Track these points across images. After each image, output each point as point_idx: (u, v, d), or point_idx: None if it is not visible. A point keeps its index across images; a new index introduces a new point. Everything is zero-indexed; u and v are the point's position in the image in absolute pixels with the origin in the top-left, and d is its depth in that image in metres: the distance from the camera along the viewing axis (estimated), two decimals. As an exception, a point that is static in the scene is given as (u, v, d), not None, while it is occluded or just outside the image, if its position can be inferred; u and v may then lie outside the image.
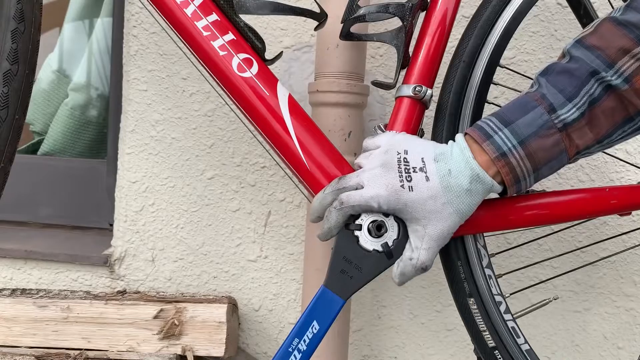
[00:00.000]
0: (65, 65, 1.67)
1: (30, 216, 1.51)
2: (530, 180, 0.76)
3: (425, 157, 0.76)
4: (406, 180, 0.75)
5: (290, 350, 0.76)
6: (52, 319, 1.17)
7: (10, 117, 0.78)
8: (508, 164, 0.74)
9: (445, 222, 0.75)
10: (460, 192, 0.74)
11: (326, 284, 0.78)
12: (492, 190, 0.76)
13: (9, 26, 0.78)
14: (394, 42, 0.85)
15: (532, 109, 0.74)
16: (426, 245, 0.76)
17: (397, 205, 0.75)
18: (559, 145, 0.74)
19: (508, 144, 0.74)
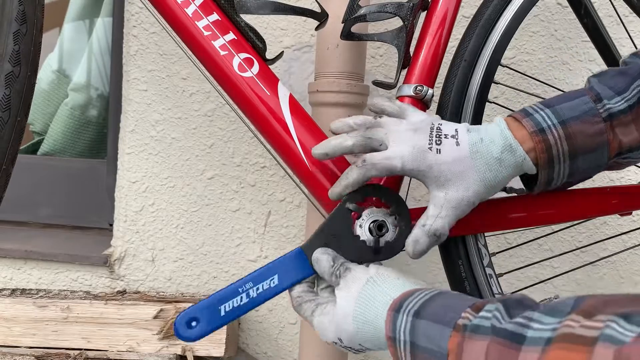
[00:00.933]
0: (65, 65, 1.67)
1: (30, 216, 1.51)
2: (565, 167, 0.72)
3: (459, 128, 0.73)
4: (435, 143, 0.72)
5: (240, 290, 0.73)
6: (52, 319, 1.17)
7: (12, 119, 0.78)
8: (545, 141, 0.70)
9: (468, 189, 0.72)
10: (489, 159, 0.71)
11: (303, 248, 0.75)
12: (524, 166, 0.72)
13: (11, 28, 0.78)
14: (395, 42, 0.85)
15: (579, 96, 0.72)
16: (444, 212, 0.72)
17: (421, 166, 0.72)
18: (601, 135, 0.71)
19: (548, 122, 0.71)
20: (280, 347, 1.29)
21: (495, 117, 0.75)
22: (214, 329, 0.73)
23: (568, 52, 1.20)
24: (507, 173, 0.72)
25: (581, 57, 1.20)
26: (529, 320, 0.49)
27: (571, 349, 0.42)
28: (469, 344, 0.52)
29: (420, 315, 0.59)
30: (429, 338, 0.56)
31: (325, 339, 0.72)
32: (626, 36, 1.13)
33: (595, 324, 0.42)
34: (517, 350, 0.47)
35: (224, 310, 0.73)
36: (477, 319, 0.53)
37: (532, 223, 0.86)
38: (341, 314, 0.69)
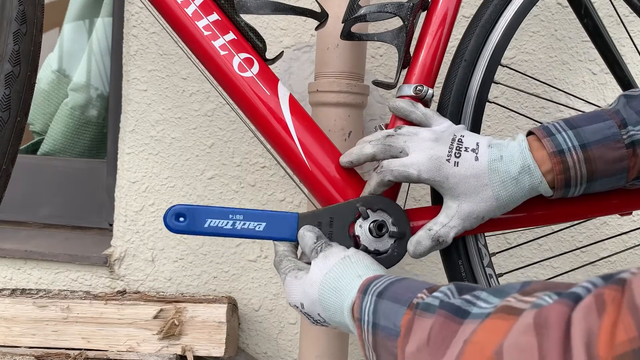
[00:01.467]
0: (65, 65, 1.67)
1: (30, 216, 1.51)
2: (580, 190, 0.73)
3: (480, 142, 0.74)
4: (455, 156, 0.73)
5: (230, 217, 0.77)
6: (52, 319, 1.17)
7: (12, 119, 0.78)
8: (563, 162, 0.70)
9: (480, 203, 0.73)
10: (505, 178, 0.72)
11: (300, 216, 0.78)
12: (540, 188, 0.72)
13: (10, 28, 0.78)
14: (395, 42, 0.85)
15: (603, 120, 0.71)
16: (453, 222, 0.74)
17: (437, 177, 0.73)
18: (622, 161, 0.70)
19: (569, 143, 0.70)
20: (280, 347, 1.29)
21: (519, 134, 0.75)
22: (191, 233, 0.78)
23: (568, 52, 1.20)
24: (522, 194, 0.73)
25: (581, 57, 1.20)
26: (476, 298, 0.51)
27: (504, 318, 0.45)
28: (418, 321, 0.53)
29: (383, 296, 0.60)
30: (387, 317, 0.58)
31: (289, 301, 0.75)
32: (626, 36, 1.13)
33: (529, 298, 0.45)
34: (458, 325, 0.49)
35: (208, 224, 0.77)
36: (429, 298, 0.55)
37: (532, 223, 0.86)
38: (309, 281, 0.71)
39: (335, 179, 0.83)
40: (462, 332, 0.48)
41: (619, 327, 0.35)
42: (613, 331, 0.35)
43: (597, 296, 0.38)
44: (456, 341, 0.48)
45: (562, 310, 0.40)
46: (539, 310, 0.42)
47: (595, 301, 0.38)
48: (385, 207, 0.79)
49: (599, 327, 0.36)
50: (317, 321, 0.73)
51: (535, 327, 0.41)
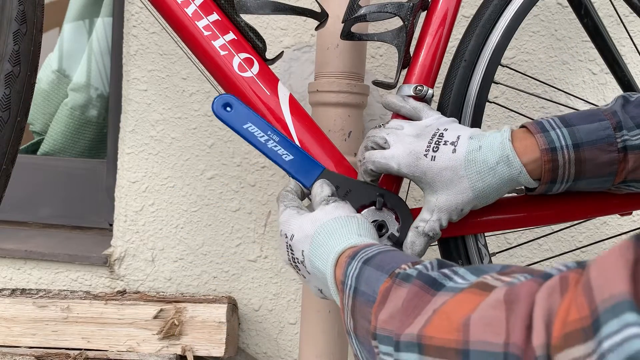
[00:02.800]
0: (65, 65, 1.67)
1: (30, 216, 1.51)
2: (563, 187, 0.73)
3: (462, 135, 0.74)
4: (432, 150, 0.73)
5: (267, 132, 0.79)
6: (52, 319, 1.17)
7: (12, 118, 0.78)
8: (554, 161, 0.70)
9: (457, 195, 0.73)
10: (482, 169, 0.71)
11: (325, 172, 0.79)
12: (520, 179, 0.71)
13: (10, 28, 0.78)
14: (395, 42, 0.85)
15: (599, 120, 0.71)
16: (435, 216, 0.75)
17: (415, 172, 0.74)
18: (612, 165, 0.70)
19: (562, 142, 0.70)
20: (280, 347, 1.29)
21: (504, 126, 0.74)
22: (230, 126, 0.79)
23: (568, 52, 1.20)
24: (500, 184, 0.72)
25: (581, 57, 1.20)
26: (453, 273, 0.51)
27: (477, 293, 0.46)
28: (395, 290, 0.53)
29: (368, 263, 0.60)
30: (368, 283, 0.58)
31: (281, 227, 0.75)
32: (626, 36, 1.13)
33: (506, 278, 0.45)
34: (431, 295, 0.49)
35: (248, 128, 0.79)
36: (410, 269, 0.55)
37: (532, 223, 0.86)
38: (311, 219, 0.71)
39: (336, 179, 0.83)
40: (434, 303, 0.48)
41: (573, 306, 0.36)
42: (569, 310, 0.36)
43: (563, 278, 0.39)
44: (426, 310, 0.48)
45: (531, 287, 0.41)
46: (511, 287, 0.42)
47: (560, 282, 0.39)
48: (398, 208, 0.79)
49: (559, 306, 0.37)
50: (295, 259, 0.73)
51: (505, 302, 0.41)
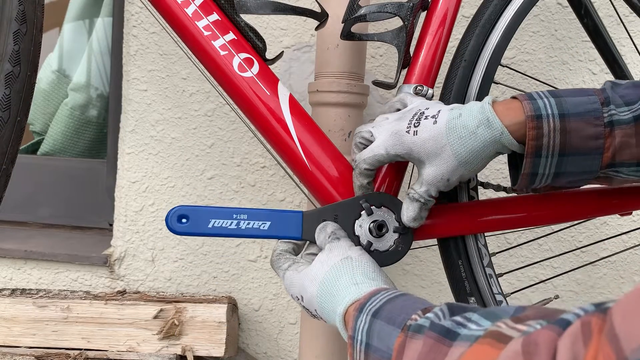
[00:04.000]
0: (65, 65, 1.67)
1: (30, 216, 1.51)
2: (551, 163, 0.70)
3: (442, 108, 0.74)
4: (414, 126, 0.73)
5: (234, 216, 0.77)
6: (52, 319, 1.17)
7: (12, 118, 0.78)
8: (538, 128, 0.69)
9: (441, 165, 0.72)
10: (463, 134, 0.71)
11: (305, 214, 0.78)
12: (502, 141, 0.70)
13: (10, 28, 0.78)
14: (395, 42, 0.85)
15: (587, 95, 0.71)
16: (424, 188, 0.75)
17: (402, 150, 0.74)
18: (597, 139, 0.69)
19: (548, 110, 0.69)
20: (280, 347, 1.29)
21: (486, 97, 0.74)
22: (195, 235, 0.77)
23: (568, 52, 1.20)
24: (482, 147, 0.71)
25: (581, 57, 1.20)
26: (467, 320, 0.50)
27: (493, 344, 0.44)
28: (410, 343, 0.52)
29: (377, 316, 0.59)
30: (380, 338, 0.57)
31: (290, 292, 0.76)
32: (626, 36, 1.13)
33: (521, 326, 0.44)
34: (447, 347, 0.48)
35: (212, 224, 0.77)
36: (422, 319, 0.54)
37: (532, 223, 0.86)
38: (310, 276, 0.72)
39: (335, 179, 0.83)
40: (450, 355, 0.47)
41: (600, 356, 0.34)
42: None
43: (584, 324, 0.37)
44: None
45: (550, 337, 0.39)
46: (528, 337, 0.41)
47: (582, 329, 0.37)
48: (388, 203, 0.79)
49: (584, 356, 0.36)
50: (314, 316, 0.74)
51: (523, 354, 0.40)
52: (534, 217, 0.84)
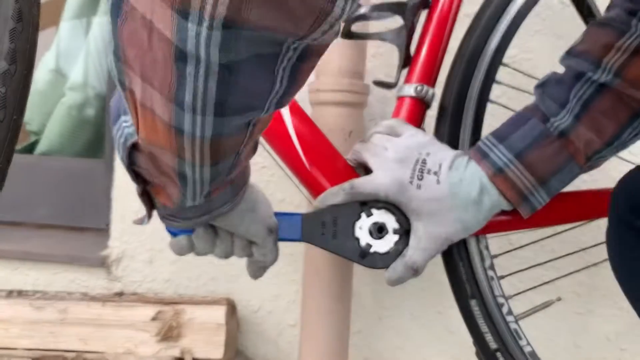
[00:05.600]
0: (62, 64, 1.67)
1: (26, 216, 1.50)
2: (541, 194, 0.74)
3: (443, 164, 0.75)
4: (417, 178, 0.74)
5: None
6: (49, 320, 1.16)
7: (8, 117, 0.77)
8: (506, 179, 0.72)
9: (445, 226, 0.74)
10: (466, 202, 0.73)
11: (304, 217, 0.78)
12: (501, 204, 0.74)
13: (7, 26, 0.77)
14: (396, 41, 0.85)
15: (526, 121, 0.74)
16: (423, 244, 0.75)
17: (401, 199, 0.74)
18: (561, 153, 0.72)
19: (503, 159, 0.72)
20: (280, 350, 1.28)
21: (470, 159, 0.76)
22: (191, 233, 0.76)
23: (570, 51, 1.19)
24: (485, 215, 0.75)
25: (583, 56, 1.19)
26: None
27: None
28: None
29: None
30: None
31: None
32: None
33: None
34: None
35: None
36: None
37: (534, 224, 0.86)
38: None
39: (335, 180, 0.83)
40: None
41: None
42: None
43: None
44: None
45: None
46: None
47: None
48: (389, 205, 0.78)
49: None
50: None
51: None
52: (537, 218, 0.83)
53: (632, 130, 0.73)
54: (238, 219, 0.69)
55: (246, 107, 0.46)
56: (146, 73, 0.44)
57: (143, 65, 0.43)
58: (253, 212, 0.71)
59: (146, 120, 0.48)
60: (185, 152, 0.50)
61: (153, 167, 0.56)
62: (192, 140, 0.48)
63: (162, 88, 0.44)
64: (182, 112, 0.45)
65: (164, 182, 0.58)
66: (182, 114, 0.45)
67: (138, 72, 0.44)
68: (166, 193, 0.60)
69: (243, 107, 0.46)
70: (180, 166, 0.52)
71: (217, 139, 0.49)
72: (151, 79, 0.44)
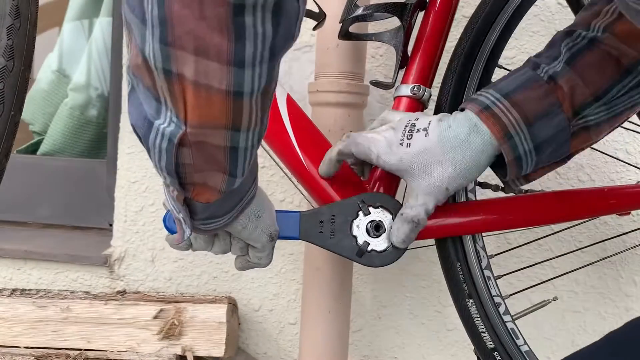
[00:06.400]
0: (64, 65, 1.67)
1: (30, 216, 1.51)
2: (525, 138, 0.71)
3: (432, 120, 0.75)
4: (407, 138, 0.74)
5: None
6: (51, 319, 1.17)
7: (6, 113, 0.78)
8: (493, 115, 0.71)
9: (438, 175, 0.73)
10: (456, 144, 0.72)
11: (302, 214, 0.79)
12: (493, 143, 0.71)
13: (4, 22, 0.78)
14: (393, 42, 0.85)
15: (517, 71, 0.75)
16: (420, 200, 0.74)
17: (392, 159, 0.75)
18: (548, 96, 0.71)
19: (491, 98, 0.72)
20: (280, 348, 1.29)
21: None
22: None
23: (568, 51, 1.19)
24: (476, 155, 0.72)
25: (581, 56, 1.19)
26: None
27: None
28: None
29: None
30: None
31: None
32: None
33: None
34: None
35: None
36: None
37: (531, 223, 0.86)
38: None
39: (333, 179, 0.83)
40: None
41: None
42: None
43: None
44: None
45: None
46: None
47: None
48: (386, 204, 0.79)
49: None
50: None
51: None
52: (533, 217, 0.84)
53: (621, 87, 0.71)
54: (242, 223, 0.70)
55: (287, 39, 0.49)
56: (200, 44, 0.45)
57: (196, 38, 0.45)
58: (258, 219, 0.72)
59: (199, 100, 0.48)
60: (242, 118, 0.51)
61: (199, 157, 0.55)
62: (250, 99, 0.50)
63: (219, 54, 0.46)
64: (241, 72, 0.47)
65: (207, 175, 0.57)
66: (242, 73, 0.47)
67: (191, 48, 0.45)
68: (208, 188, 0.59)
69: (285, 41, 0.49)
70: (233, 140, 0.54)
71: (268, 86, 0.51)
72: (206, 48, 0.45)
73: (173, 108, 0.50)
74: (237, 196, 0.65)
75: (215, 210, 0.64)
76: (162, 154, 0.53)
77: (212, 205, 0.62)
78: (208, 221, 0.65)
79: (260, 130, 0.56)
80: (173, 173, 0.56)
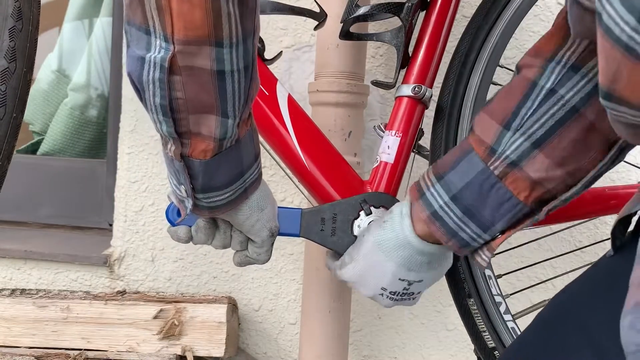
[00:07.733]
0: (65, 65, 1.67)
1: (29, 216, 1.51)
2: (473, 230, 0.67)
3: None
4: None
5: None
6: (51, 319, 1.17)
7: (8, 115, 0.78)
8: (444, 226, 0.68)
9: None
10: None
11: (304, 212, 0.79)
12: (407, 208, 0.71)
13: (6, 24, 0.78)
14: (394, 42, 0.85)
15: (467, 153, 0.67)
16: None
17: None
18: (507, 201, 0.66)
19: (439, 201, 0.67)
20: (280, 348, 1.29)
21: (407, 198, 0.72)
22: (191, 225, 0.77)
23: (568, 51, 1.20)
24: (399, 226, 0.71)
25: (581, 56, 1.19)
26: None
27: None
28: None
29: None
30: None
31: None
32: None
33: None
34: None
35: None
36: None
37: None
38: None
39: (334, 179, 0.83)
40: None
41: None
42: None
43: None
44: None
45: None
46: None
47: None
48: (388, 204, 0.79)
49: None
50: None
51: None
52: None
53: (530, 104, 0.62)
54: (246, 214, 0.71)
55: None
56: None
57: None
58: (261, 212, 0.72)
59: (182, 5, 0.52)
60: (222, 25, 0.54)
61: (190, 88, 0.57)
62: (227, 2, 0.54)
63: None
64: None
65: (200, 120, 0.59)
66: None
67: None
68: (204, 137, 0.60)
69: None
70: (218, 58, 0.56)
71: None
72: None
73: (161, 27, 0.53)
74: (236, 164, 0.65)
75: (214, 174, 0.63)
76: (155, 87, 0.56)
77: (211, 165, 0.62)
78: (209, 194, 0.65)
79: (244, 51, 0.58)
80: (168, 113, 0.58)
